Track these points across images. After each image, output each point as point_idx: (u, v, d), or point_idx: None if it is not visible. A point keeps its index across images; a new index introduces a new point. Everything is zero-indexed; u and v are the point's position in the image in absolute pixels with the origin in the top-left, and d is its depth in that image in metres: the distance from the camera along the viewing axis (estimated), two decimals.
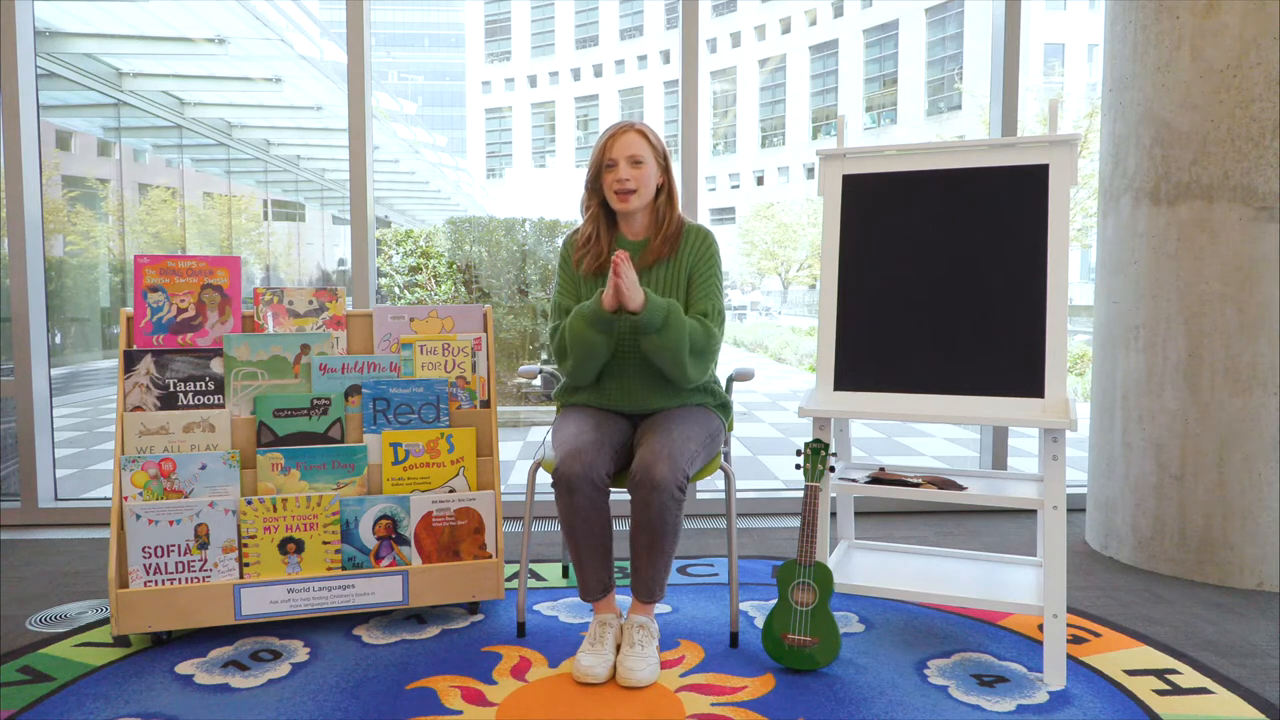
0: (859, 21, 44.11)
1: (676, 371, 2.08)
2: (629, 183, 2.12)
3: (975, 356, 2.04)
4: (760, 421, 7.65)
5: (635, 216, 2.21)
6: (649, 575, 2.01)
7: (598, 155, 2.17)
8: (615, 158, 2.13)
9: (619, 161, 2.13)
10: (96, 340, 10.46)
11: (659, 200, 2.20)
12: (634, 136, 2.14)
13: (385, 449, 2.29)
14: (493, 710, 1.81)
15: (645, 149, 2.14)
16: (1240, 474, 2.59)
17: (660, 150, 2.19)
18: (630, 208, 2.15)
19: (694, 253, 2.19)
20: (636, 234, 2.23)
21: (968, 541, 3.03)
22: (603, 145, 2.16)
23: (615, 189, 2.13)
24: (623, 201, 2.14)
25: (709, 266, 2.19)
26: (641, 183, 2.13)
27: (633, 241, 2.23)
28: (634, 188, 2.13)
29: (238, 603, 2.13)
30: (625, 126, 2.17)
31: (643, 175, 2.13)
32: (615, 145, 2.14)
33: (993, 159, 2.11)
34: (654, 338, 2.03)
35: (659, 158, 2.18)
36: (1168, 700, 1.87)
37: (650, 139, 2.16)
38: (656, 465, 1.92)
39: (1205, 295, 2.62)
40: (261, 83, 10.67)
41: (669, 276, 2.18)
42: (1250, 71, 2.54)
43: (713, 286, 2.18)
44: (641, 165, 2.13)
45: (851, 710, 1.81)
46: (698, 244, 2.20)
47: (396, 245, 7.54)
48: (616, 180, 2.13)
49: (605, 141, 2.16)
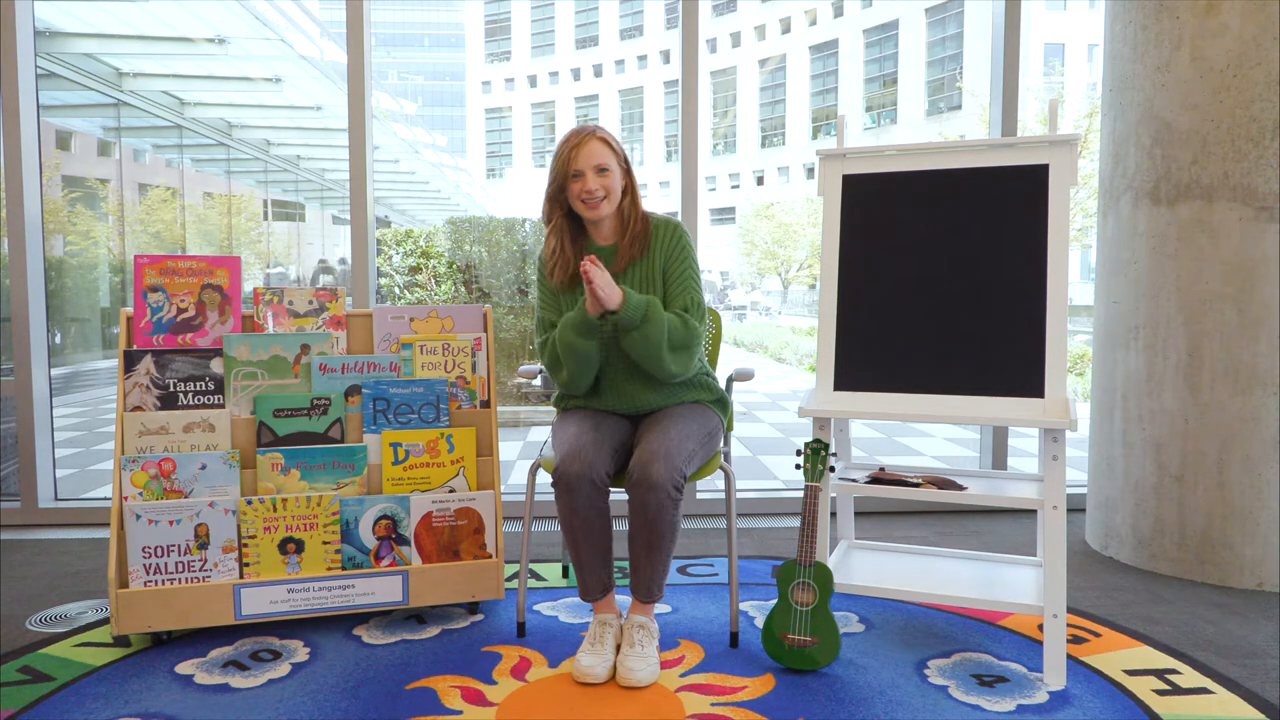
0: (859, 21, 44.12)
1: (657, 367, 2.07)
2: (598, 192, 2.10)
3: (975, 356, 2.04)
4: (760, 421, 7.65)
5: (603, 222, 2.19)
6: (648, 575, 2.01)
7: (561, 166, 2.12)
8: (581, 168, 2.10)
9: (585, 172, 2.10)
10: (96, 340, 10.45)
11: (624, 203, 2.18)
12: (597, 145, 2.11)
13: (385, 449, 2.29)
14: (493, 710, 1.81)
15: (609, 156, 2.12)
16: (1240, 474, 2.59)
17: (621, 154, 2.18)
18: (601, 215, 2.13)
19: (666, 248, 2.17)
20: (605, 238, 2.21)
21: (968, 541, 3.03)
22: (566, 156, 2.11)
23: (584, 200, 2.11)
24: (593, 210, 2.12)
25: (683, 260, 2.18)
26: (609, 190, 2.12)
27: (602, 247, 2.21)
28: (603, 196, 2.11)
29: (238, 603, 2.13)
30: (586, 135, 2.13)
31: (609, 183, 2.11)
32: (580, 155, 2.10)
33: (993, 159, 2.11)
34: (634, 334, 2.03)
35: (621, 161, 2.17)
36: (1168, 700, 1.87)
37: (612, 145, 2.15)
38: (653, 464, 1.92)
39: (1205, 295, 2.62)
40: (261, 83, 10.67)
41: (644, 275, 2.17)
42: (1250, 71, 2.54)
43: (689, 279, 2.17)
44: (608, 173, 2.11)
45: (851, 710, 1.81)
46: (668, 239, 2.18)
47: (396, 245, 7.54)
48: (585, 191, 2.10)
49: (568, 153, 2.11)
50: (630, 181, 2.19)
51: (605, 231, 2.21)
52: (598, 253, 2.20)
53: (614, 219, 2.20)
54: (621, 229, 2.19)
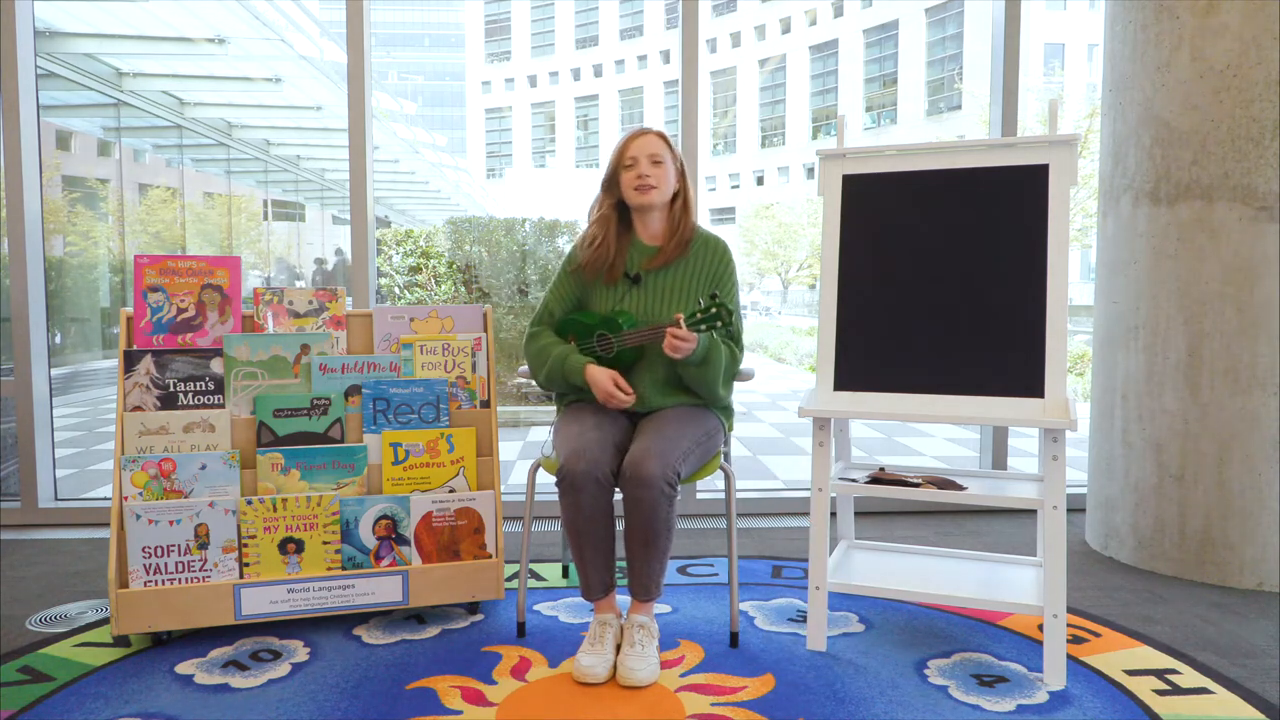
0: (859, 21, 44.10)
1: (709, 395, 2.18)
2: (649, 179, 2.16)
3: (975, 356, 2.04)
4: (760, 421, 7.65)
5: (652, 217, 2.24)
6: (645, 573, 2.01)
7: (617, 156, 2.22)
8: (635, 155, 2.18)
9: (639, 159, 2.17)
10: (96, 340, 10.45)
11: (675, 206, 2.25)
12: (654, 139, 2.20)
13: (385, 449, 2.29)
14: (493, 710, 1.81)
15: (665, 151, 2.20)
16: (1240, 474, 2.59)
17: (678, 157, 2.25)
18: (650, 201, 2.18)
19: (715, 267, 2.24)
20: (653, 238, 2.26)
21: (968, 541, 3.03)
22: (622, 146, 2.21)
23: (635, 185, 2.17)
24: (643, 195, 2.17)
25: (731, 287, 2.25)
26: (661, 180, 2.18)
27: (649, 246, 2.26)
28: (654, 184, 2.17)
29: (238, 603, 2.13)
30: (646, 129, 2.23)
31: (662, 174, 2.18)
32: (635, 145, 2.19)
33: (993, 159, 2.11)
34: (692, 370, 2.12)
35: (677, 162, 2.24)
36: (1168, 700, 1.87)
37: (669, 144, 2.22)
38: (646, 462, 1.93)
39: (1205, 295, 2.62)
40: (261, 83, 10.66)
41: (679, 280, 2.22)
42: (1250, 71, 2.54)
43: (735, 309, 2.25)
44: (661, 165, 2.18)
45: (851, 710, 1.81)
46: (718, 259, 2.25)
47: (396, 245, 7.53)
48: (637, 176, 2.17)
49: (625, 142, 2.21)
50: (684, 187, 2.26)
51: (654, 229, 2.26)
52: (641, 250, 2.25)
53: (665, 220, 2.26)
54: (670, 231, 2.25)
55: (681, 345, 2.02)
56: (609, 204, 2.26)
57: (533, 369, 2.27)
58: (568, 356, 2.17)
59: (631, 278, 2.23)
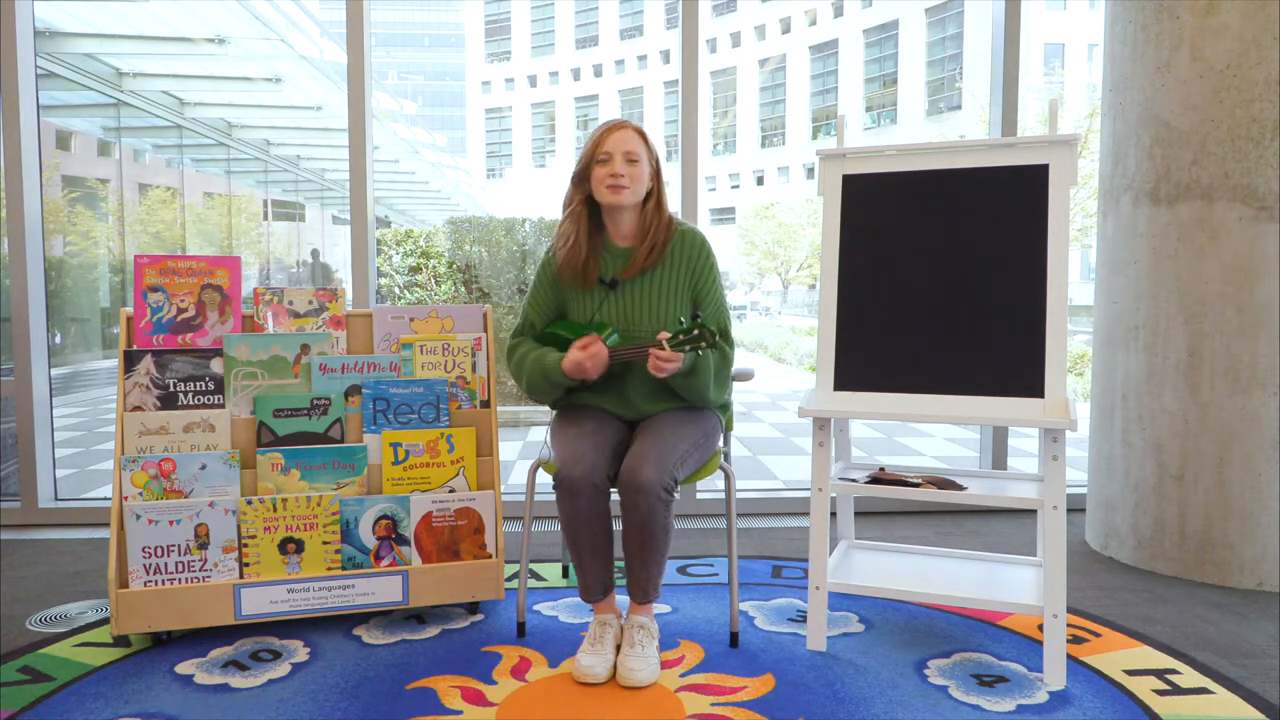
0: (859, 21, 44.11)
1: (700, 400, 2.14)
2: (623, 178, 2.08)
3: (975, 356, 2.04)
4: (760, 421, 7.65)
5: (623, 217, 2.16)
6: (643, 576, 2.01)
7: (590, 149, 2.12)
8: (610, 151, 2.09)
9: (614, 156, 2.08)
10: (96, 340, 10.46)
11: (647, 205, 2.16)
12: (631, 134, 2.11)
13: (385, 449, 2.29)
14: (493, 710, 1.81)
15: (641, 148, 2.11)
16: (1240, 474, 2.59)
17: (654, 154, 2.17)
18: (621, 201, 2.10)
19: (693, 264, 2.17)
20: (624, 238, 2.19)
21: (967, 541, 3.03)
22: (597, 139, 2.12)
23: (608, 183, 2.09)
24: (615, 194, 2.08)
25: (714, 283, 2.19)
26: (635, 180, 2.10)
27: (619, 247, 2.19)
28: (627, 184, 2.09)
29: (238, 603, 2.13)
30: (622, 123, 2.14)
31: (637, 173, 2.10)
32: (610, 139, 2.10)
33: (993, 159, 2.11)
34: (680, 380, 2.07)
35: (652, 160, 2.15)
36: (1168, 700, 1.87)
37: (646, 140, 2.14)
38: (643, 467, 1.92)
39: (1205, 295, 2.62)
40: (261, 83, 10.67)
41: (660, 285, 2.16)
42: (1250, 71, 2.54)
43: (720, 303, 2.20)
44: (636, 163, 2.10)
45: (851, 710, 1.81)
46: (695, 255, 2.17)
47: (396, 245, 7.53)
48: (610, 174, 2.08)
49: (600, 135, 2.12)
50: (658, 186, 2.17)
51: (624, 230, 2.18)
52: (612, 252, 2.18)
53: (635, 220, 2.17)
54: (641, 233, 2.16)
55: (665, 366, 1.97)
56: (579, 199, 2.16)
57: (516, 380, 2.21)
58: (543, 357, 2.12)
59: (608, 283, 2.16)
